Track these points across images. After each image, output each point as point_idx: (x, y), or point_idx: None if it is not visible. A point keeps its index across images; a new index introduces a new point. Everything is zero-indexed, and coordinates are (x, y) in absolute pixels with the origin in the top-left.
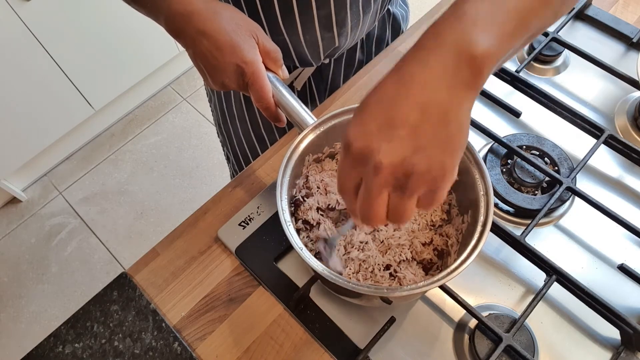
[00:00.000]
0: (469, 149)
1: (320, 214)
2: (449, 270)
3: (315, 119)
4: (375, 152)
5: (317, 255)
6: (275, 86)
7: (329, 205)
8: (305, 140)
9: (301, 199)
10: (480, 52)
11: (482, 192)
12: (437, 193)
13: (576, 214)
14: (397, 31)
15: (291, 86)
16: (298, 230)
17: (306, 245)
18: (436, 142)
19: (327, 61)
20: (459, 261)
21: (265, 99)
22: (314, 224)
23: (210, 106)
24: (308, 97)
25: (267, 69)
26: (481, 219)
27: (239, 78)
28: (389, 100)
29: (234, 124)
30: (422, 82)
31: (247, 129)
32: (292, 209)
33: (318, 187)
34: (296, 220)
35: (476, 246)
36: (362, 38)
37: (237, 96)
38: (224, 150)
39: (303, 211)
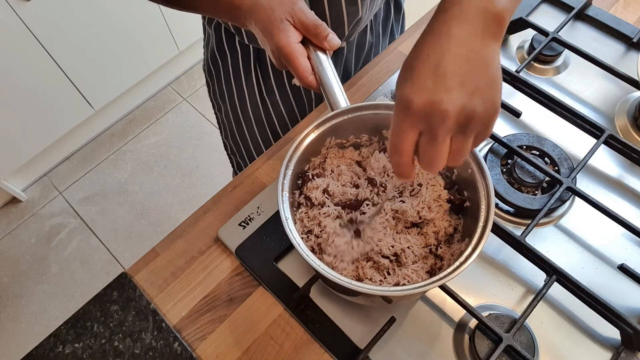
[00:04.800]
0: (487, 184)
1: (326, 197)
2: (451, 269)
3: (349, 104)
4: (439, 104)
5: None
6: (318, 62)
7: (340, 200)
8: (331, 121)
9: (310, 176)
10: (500, 9)
11: (481, 223)
12: (489, 129)
13: (576, 214)
14: (399, 10)
15: None
16: (298, 205)
17: (302, 221)
18: (485, 84)
19: (343, 44)
20: (461, 259)
21: (302, 79)
22: (316, 204)
23: (219, 117)
24: None
25: (312, 43)
26: (479, 228)
27: (278, 61)
28: (436, 57)
29: (250, 128)
30: (460, 38)
31: (264, 128)
32: (299, 182)
33: (332, 171)
34: (299, 195)
35: (477, 246)
36: (371, 19)
37: (254, 98)
38: (233, 159)
39: (309, 188)
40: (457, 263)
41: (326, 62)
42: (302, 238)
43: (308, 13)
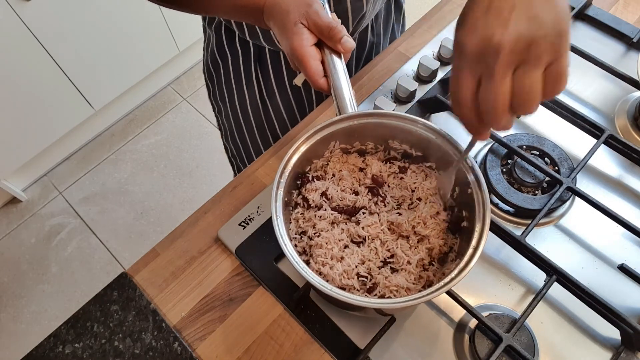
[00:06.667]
0: (484, 207)
1: (323, 200)
2: (446, 280)
3: (355, 110)
4: (490, 38)
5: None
6: (332, 66)
7: (338, 205)
8: (336, 125)
9: (310, 178)
10: None
11: (473, 244)
12: (562, 59)
13: (576, 214)
14: (399, 9)
15: None
16: (295, 204)
17: (297, 221)
18: (547, 10)
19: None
20: (446, 279)
21: (313, 82)
22: (313, 206)
23: (219, 119)
24: None
25: (327, 46)
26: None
27: (292, 62)
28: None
29: (250, 131)
30: None
31: (265, 132)
32: (298, 182)
33: (334, 175)
34: (297, 195)
35: (468, 264)
36: (372, 19)
37: (254, 100)
38: (234, 163)
39: (308, 190)
40: (441, 282)
41: (339, 66)
42: (294, 238)
43: (322, 15)
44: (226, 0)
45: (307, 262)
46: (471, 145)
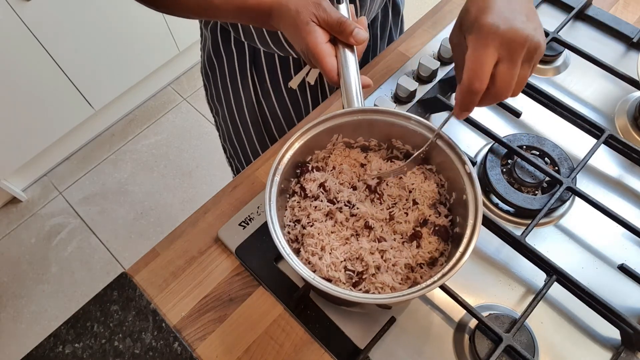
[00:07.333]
0: (476, 215)
1: (321, 191)
2: (444, 270)
3: (361, 106)
4: (520, 30)
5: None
6: (343, 60)
7: (335, 198)
8: (340, 118)
9: (310, 168)
10: None
11: (461, 249)
12: (536, 64)
13: (576, 214)
14: (397, 14)
15: (303, 81)
16: (293, 192)
17: (292, 209)
18: (539, 25)
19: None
20: (452, 261)
21: (330, 79)
22: (310, 195)
23: (217, 120)
24: (319, 90)
25: (340, 41)
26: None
27: (309, 60)
28: (505, 2)
29: (247, 131)
30: None
31: (261, 132)
32: (298, 171)
33: (334, 168)
34: (295, 183)
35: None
36: (368, 23)
37: (250, 101)
38: (232, 163)
39: (306, 180)
40: (431, 280)
41: (351, 60)
42: (288, 225)
43: (331, 11)
44: (230, 4)
45: (298, 251)
46: (446, 121)
